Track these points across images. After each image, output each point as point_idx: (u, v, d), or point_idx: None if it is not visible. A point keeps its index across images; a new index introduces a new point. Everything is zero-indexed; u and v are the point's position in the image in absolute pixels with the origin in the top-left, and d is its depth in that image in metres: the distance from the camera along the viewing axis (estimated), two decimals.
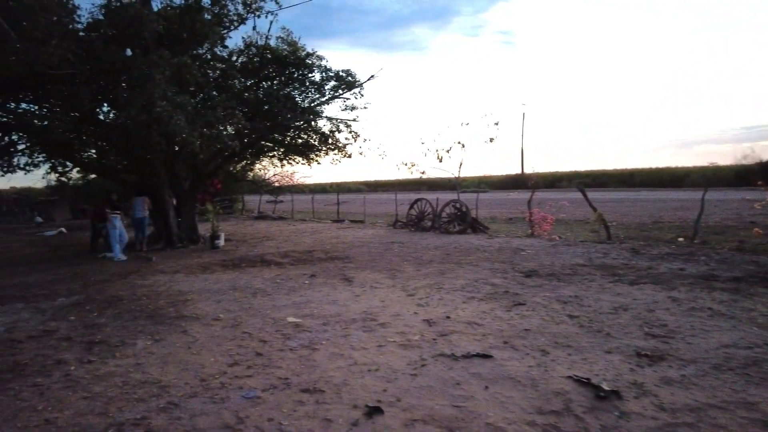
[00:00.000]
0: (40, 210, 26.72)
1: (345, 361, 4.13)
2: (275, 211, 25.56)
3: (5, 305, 6.58)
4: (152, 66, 8.16)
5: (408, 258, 9.44)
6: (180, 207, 12.82)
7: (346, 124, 13.40)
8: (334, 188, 58.59)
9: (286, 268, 8.81)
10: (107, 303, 6.48)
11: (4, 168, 12.76)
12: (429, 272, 7.95)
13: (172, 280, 8.00)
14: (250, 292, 6.92)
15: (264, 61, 12.67)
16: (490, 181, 48.49)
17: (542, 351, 4.29)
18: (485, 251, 10.06)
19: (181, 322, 5.42)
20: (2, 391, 3.72)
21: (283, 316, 5.58)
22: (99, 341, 4.84)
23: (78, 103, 8.43)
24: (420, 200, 14.90)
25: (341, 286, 7.13)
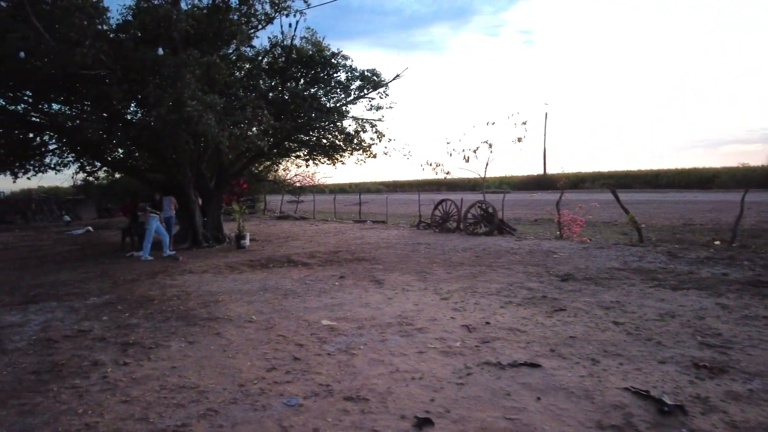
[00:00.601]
0: (67, 209, 27.23)
1: (386, 367, 3.98)
2: (297, 211, 25.59)
3: (39, 303, 6.60)
4: (182, 65, 8.15)
5: (436, 260, 9.26)
6: (206, 206, 12.85)
7: (372, 123, 13.27)
8: (354, 188, 58.70)
9: (314, 269, 8.71)
10: (138, 303, 6.45)
11: (36, 167, 13.00)
12: (460, 275, 7.76)
13: (201, 280, 7.96)
14: (281, 293, 6.82)
15: (289, 61, 12.62)
16: (512, 182, 47.87)
17: (592, 360, 4.08)
18: (516, 254, 9.82)
19: (213, 324, 5.34)
20: (42, 393, 3.67)
21: (316, 318, 5.46)
22: (133, 342, 4.78)
23: (109, 102, 8.48)
24: (445, 201, 14.69)
25: (372, 288, 6.99)
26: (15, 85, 10.15)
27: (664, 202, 25.04)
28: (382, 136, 13.35)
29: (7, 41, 7.71)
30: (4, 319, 5.84)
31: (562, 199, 14.00)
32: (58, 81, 8.50)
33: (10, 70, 8.34)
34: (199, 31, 10.02)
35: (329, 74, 13.04)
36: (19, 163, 12.62)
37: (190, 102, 7.64)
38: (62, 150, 13.46)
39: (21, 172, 12.85)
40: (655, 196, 31.71)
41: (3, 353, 4.60)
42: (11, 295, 7.26)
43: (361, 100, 13.22)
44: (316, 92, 12.64)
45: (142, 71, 8.57)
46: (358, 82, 13.29)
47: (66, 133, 10.55)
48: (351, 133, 13.26)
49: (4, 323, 5.66)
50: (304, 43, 13.24)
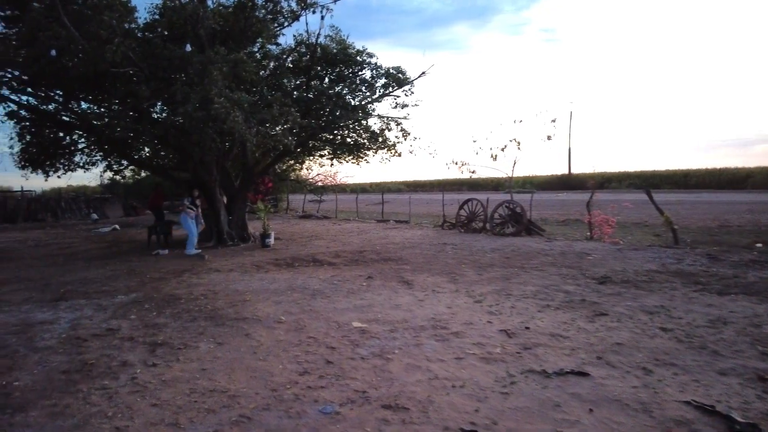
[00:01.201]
0: (95, 207, 27.76)
1: (424, 374, 3.79)
2: (319, 211, 25.57)
3: (69, 301, 6.60)
4: (209, 62, 8.10)
5: (465, 261, 9.01)
6: (231, 205, 12.85)
7: (397, 122, 13.07)
8: (375, 188, 58.59)
9: (340, 269, 8.56)
10: (165, 302, 6.39)
11: (65, 166, 13.19)
12: (492, 277, 7.51)
13: (228, 279, 7.88)
14: (309, 293, 6.68)
15: (314, 60, 12.52)
16: (536, 182, 47.07)
17: (644, 369, 3.81)
18: (547, 255, 9.50)
19: (242, 325, 5.22)
20: (72, 393, 3.58)
21: (346, 320, 5.30)
22: (161, 342, 4.68)
23: (137, 100, 8.49)
24: (470, 200, 14.40)
25: (401, 289, 6.80)
26: (47, 85, 10.29)
27: (696, 203, 24.22)
28: (407, 135, 13.15)
29: (39, 41, 7.78)
30: (35, 317, 5.83)
31: (592, 199, 13.57)
32: (88, 79, 8.55)
33: (43, 69, 8.42)
34: (226, 29, 9.98)
35: (354, 72, 12.89)
36: (50, 162, 12.81)
37: (217, 99, 7.57)
38: (91, 149, 13.63)
39: (52, 171, 13.05)
40: (685, 196, 30.74)
41: (34, 351, 4.56)
42: (42, 291, 7.29)
43: (386, 98, 13.04)
44: (341, 90, 12.49)
45: (169, 69, 8.56)
46: (383, 79, 13.10)
47: (95, 131, 10.64)
48: (376, 131, 13.09)
49: (36, 320, 5.65)
50: (328, 42, 13.14)
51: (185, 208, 10.79)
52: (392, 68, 13.05)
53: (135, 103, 8.69)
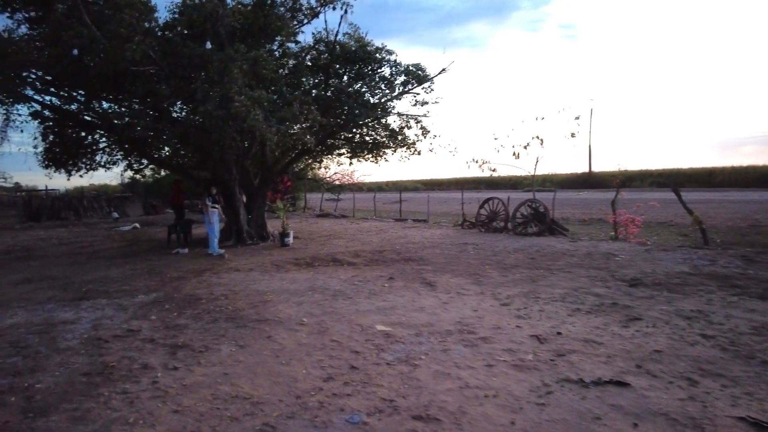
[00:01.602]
0: (115, 206, 28.15)
1: (453, 382, 3.62)
2: (336, 210, 25.51)
3: (90, 300, 6.58)
4: (229, 60, 8.02)
5: (488, 262, 8.80)
6: (250, 204, 12.82)
7: (416, 119, 12.88)
8: (391, 187, 58.44)
9: (360, 269, 8.43)
10: (185, 302, 6.32)
11: (87, 165, 13.32)
12: (518, 279, 7.29)
13: (248, 279, 7.81)
14: (330, 294, 6.56)
15: (333, 57, 12.40)
16: (556, 180, 46.33)
17: (688, 380, 3.58)
18: (573, 256, 9.23)
19: (264, 326, 5.11)
20: (93, 397, 3.50)
21: (369, 323, 5.15)
22: (182, 345, 4.59)
23: (157, 99, 8.47)
24: (491, 199, 14.14)
25: (424, 291, 6.62)
26: (69, 85, 10.37)
27: (723, 202, 23.52)
28: (426, 133, 12.95)
29: (62, 40, 7.80)
30: (58, 316, 5.82)
31: (617, 198, 13.19)
32: (108, 79, 8.57)
33: (65, 68, 8.45)
34: (245, 27, 9.91)
35: (373, 69, 12.73)
36: (72, 161, 12.95)
37: (237, 97, 7.49)
38: (111, 148, 13.74)
39: (74, 170, 13.19)
40: (712, 195, 29.90)
41: (56, 352, 4.51)
42: (65, 290, 7.31)
43: (405, 95, 12.85)
44: (360, 88, 12.35)
45: (189, 67, 8.52)
46: (403, 77, 12.92)
47: (115, 130, 10.69)
48: (395, 129, 12.92)
49: (58, 320, 5.63)
50: (346, 39, 13.01)
51: (208, 208, 10.77)
52: (412, 65, 12.87)
53: (155, 102, 8.67)
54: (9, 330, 5.28)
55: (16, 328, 5.35)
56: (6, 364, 4.24)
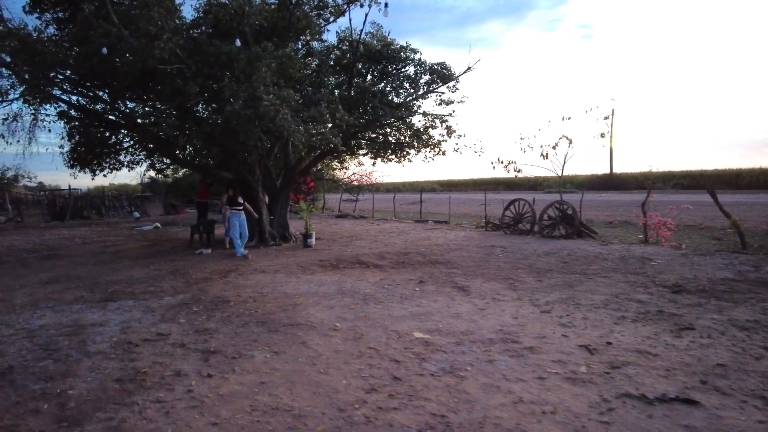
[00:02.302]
0: (136, 205, 28.41)
1: (505, 396, 3.39)
2: (355, 210, 25.39)
3: (117, 302, 6.50)
4: (256, 58, 7.90)
5: (520, 266, 8.53)
6: (272, 205, 12.72)
7: (442, 119, 12.64)
8: (408, 187, 58.19)
9: (387, 272, 8.23)
10: (213, 305, 6.19)
11: (111, 165, 13.38)
12: (554, 284, 7.01)
13: (275, 280, 7.66)
14: (360, 297, 6.37)
15: (356, 57, 12.23)
16: (576, 182, 45.56)
17: (763, 399, 3.30)
18: (607, 260, 8.91)
19: (297, 332, 4.94)
20: (127, 406, 3.36)
21: (406, 329, 4.94)
22: (214, 350, 4.44)
23: (184, 98, 8.39)
24: (517, 201, 13.83)
25: (458, 296, 6.39)
26: (95, 84, 10.38)
27: (755, 204, 22.77)
28: (452, 132, 12.70)
29: (90, 39, 7.76)
30: (86, 317, 5.73)
31: (648, 200, 12.78)
32: (135, 78, 8.52)
33: (93, 67, 8.42)
34: (270, 25, 9.79)
35: (398, 68, 12.54)
36: (96, 161, 13.02)
37: (266, 96, 7.36)
38: (135, 148, 13.79)
39: (98, 170, 13.26)
40: (740, 197, 29.02)
41: (87, 356, 4.39)
42: (91, 291, 7.24)
43: (430, 95, 12.63)
44: (384, 87, 12.17)
45: (216, 66, 8.43)
46: (427, 76, 12.72)
47: (140, 130, 10.68)
48: (420, 129, 12.70)
49: (87, 322, 5.54)
50: (369, 39, 12.85)
51: (229, 210, 10.69)
52: (436, 64, 12.66)
53: (181, 102, 8.59)
54: (39, 331, 5.20)
55: (45, 330, 5.26)
56: (37, 368, 4.14)
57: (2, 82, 10.36)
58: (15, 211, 24.22)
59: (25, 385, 3.78)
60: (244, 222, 10.84)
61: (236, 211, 10.72)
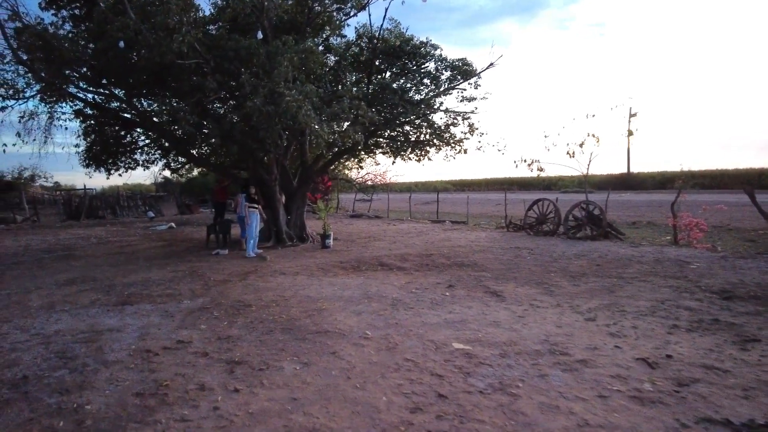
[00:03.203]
0: (150, 205, 28.40)
1: (567, 418, 3.03)
2: (370, 210, 25.09)
3: (134, 305, 6.24)
4: (277, 53, 7.60)
5: (551, 269, 8.13)
6: (289, 204, 12.44)
7: (464, 116, 12.25)
8: (420, 187, 57.81)
9: (412, 275, 7.89)
10: (235, 309, 5.90)
11: (127, 164, 13.21)
12: (591, 288, 6.62)
13: (296, 283, 7.36)
14: (387, 302, 6.03)
15: (375, 53, 11.91)
16: (592, 181, 44.69)
17: None
18: (641, 263, 8.48)
19: (325, 340, 4.62)
20: (149, 425, 3.06)
21: (442, 339, 4.60)
22: (239, 361, 4.13)
23: (203, 94, 8.13)
24: (541, 201, 13.40)
25: (492, 301, 6.03)
26: (112, 81, 10.17)
27: None
28: (474, 130, 12.30)
29: (107, 34, 7.53)
30: (103, 322, 5.47)
31: (678, 200, 12.28)
32: (152, 73, 8.28)
33: (110, 62, 8.20)
34: (289, 20, 9.51)
35: (418, 65, 12.19)
36: (112, 160, 12.86)
37: (288, 92, 7.05)
38: (150, 147, 13.61)
39: (113, 169, 13.10)
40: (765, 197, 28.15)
41: (104, 365, 4.11)
42: (108, 293, 7.00)
43: (451, 91, 12.25)
44: (404, 84, 11.82)
45: (235, 60, 8.14)
46: (448, 72, 12.36)
47: (157, 128, 10.45)
48: (441, 126, 12.33)
49: (104, 327, 5.27)
50: (387, 35, 12.51)
51: (245, 208, 10.43)
52: (457, 60, 12.29)
53: (199, 98, 8.33)
54: (55, 337, 4.95)
55: (61, 336, 5.01)
56: (53, 378, 3.86)
57: (19, 81, 10.22)
58: (32, 210, 24.28)
59: (40, 398, 3.50)
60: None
61: (253, 209, 10.47)
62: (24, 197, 27.46)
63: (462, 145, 12.52)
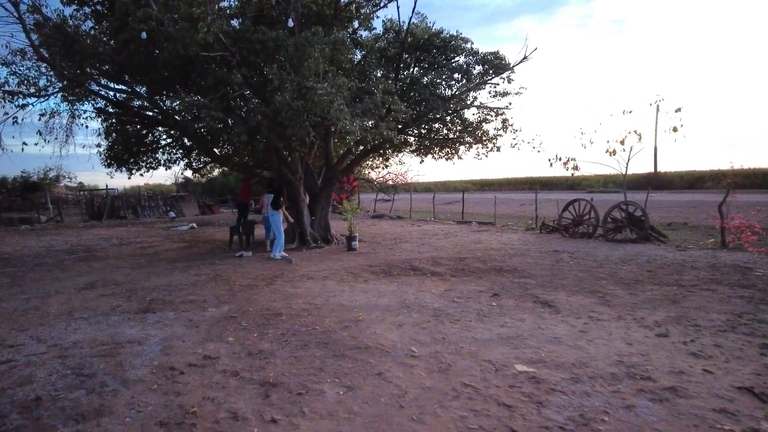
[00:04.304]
0: (171, 205, 28.35)
1: None
2: (391, 211, 24.60)
3: (156, 313, 5.85)
4: (307, 44, 7.15)
5: (600, 275, 7.52)
6: (313, 205, 12.02)
7: (498, 112, 11.66)
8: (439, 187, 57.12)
9: (449, 281, 7.36)
10: (264, 318, 5.46)
11: (148, 164, 12.95)
12: (651, 298, 6.01)
13: (326, 289, 6.90)
14: (429, 313, 5.52)
15: (404, 47, 11.40)
16: (617, 181, 43.46)
17: None
18: (696, 268, 7.81)
19: (367, 357, 4.13)
20: None
21: (500, 358, 4.07)
22: (274, 382, 3.67)
23: (228, 89, 7.72)
24: (577, 201, 12.73)
25: (546, 313, 5.47)
26: (134, 77, 9.85)
27: None
28: (507, 127, 11.70)
29: (129, 26, 7.18)
30: (123, 332, 5.07)
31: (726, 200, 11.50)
32: (175, 67, 7.91)
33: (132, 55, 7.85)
34: (317, 12, 9.06)
35: (448, 59, 11.64)
36: (133, 159, 12.62)
37: (320, 84, 6.59)
38: (172, 146, 13.35)
39: (135, 169, 12.86)
40: None
41: (124, 385, 3.69)
42: (128, 299, 6.64)
43: (483, 87, 11.68)
44: (434, 79, 11.28)
45: (262, 53, 7.70)
46: (479, 66, 11.79)
47: (179, 126, 10.12)
48: (473, 123, 11.75)
49: (124, 338, 4.88)
50: (413, 29, 11.99)
51: (270, 208, 10.04)
52: (489, 53, 11.72)
53: (225, 93, 7.92)
54: (72, 350, 4.56)
55: (79, 347, 4.62)
56: (68, 401, 3.45)
57: (41, 80, 9.99)
58: (56, 210, 24.40)
59: (53, 426, 3.09)
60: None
61: (277, 210, 10.09)
62: (48, 197, 27.67)
63: (495, 143, 11.93)
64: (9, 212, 25.99)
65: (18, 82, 8.97)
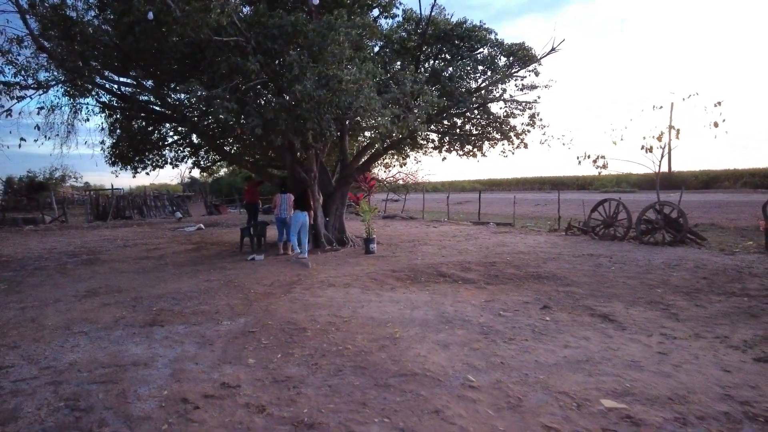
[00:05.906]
0: (177, 205, 27.81)
1: None
2: (403, 211, 23.94)
3: (165, 326, 5.21)
4: (329, 28, 6.50)
5: (651, 283, 6.82)
6: (327, 205, 11.37)
7: (525, 107, 10.96)
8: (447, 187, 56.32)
9: (486, 290, 6.68)
10: (287, 334, 4.80)
11: (154, 162, 12.36)
12: (724, 311, 5.31)
13: (350, 298, 6.23)
14: (475, 329, 4.84)
15: (426, 37, 10.72)
16: (631, 180, 42.52)
17: None
18: (755, 275, 7.10)
19: (417, 388, 3.46)
20: None
21: (578, 389, 3.38)
22: (310, 423, 3.01)
23: (243, 78, 7.09)
24: (607, 201, 12.01)
25: (610, 329, 4.77)
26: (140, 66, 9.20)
27: None
28: (536, 122, 11.01)
29: (134, 8, 6.53)
30: (127, 351, 4.43)
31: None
32: (184, 56, 7.27)
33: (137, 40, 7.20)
34: None
35: (472, 49, 10.96)
36: (139, 157, 12.02)
37: (348, 70, 5.92)
38: (179, 143, 12.75)
39: (140, 167, 12.27)
40: None
41: (128, 425, 3.04)
42: (134, 309, 6.01)
43: (508, 79, 10.99)
44: (458, 71, 10.60)
45: (280, 39, 7.04)
46: (505, 58, 11.11)
47: (187, 121, 9.49)
48: (500, 117, 11.06)
49: (128, 358, 4.23)
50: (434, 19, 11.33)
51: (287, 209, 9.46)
52: (514, 45, 11.04)
53: (239, 82, 7.28)
54: (68, 373, 3.92)
55: (76, 371, 3.98)
56: None
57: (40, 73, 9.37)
58: (60, 210, 23.89)
59: None
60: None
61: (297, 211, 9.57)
62: (53, 197, 27.19)
63: (523, 138, 11.23)
64: (14, 213, 25.54)
65: (14, 72, 8.35)
